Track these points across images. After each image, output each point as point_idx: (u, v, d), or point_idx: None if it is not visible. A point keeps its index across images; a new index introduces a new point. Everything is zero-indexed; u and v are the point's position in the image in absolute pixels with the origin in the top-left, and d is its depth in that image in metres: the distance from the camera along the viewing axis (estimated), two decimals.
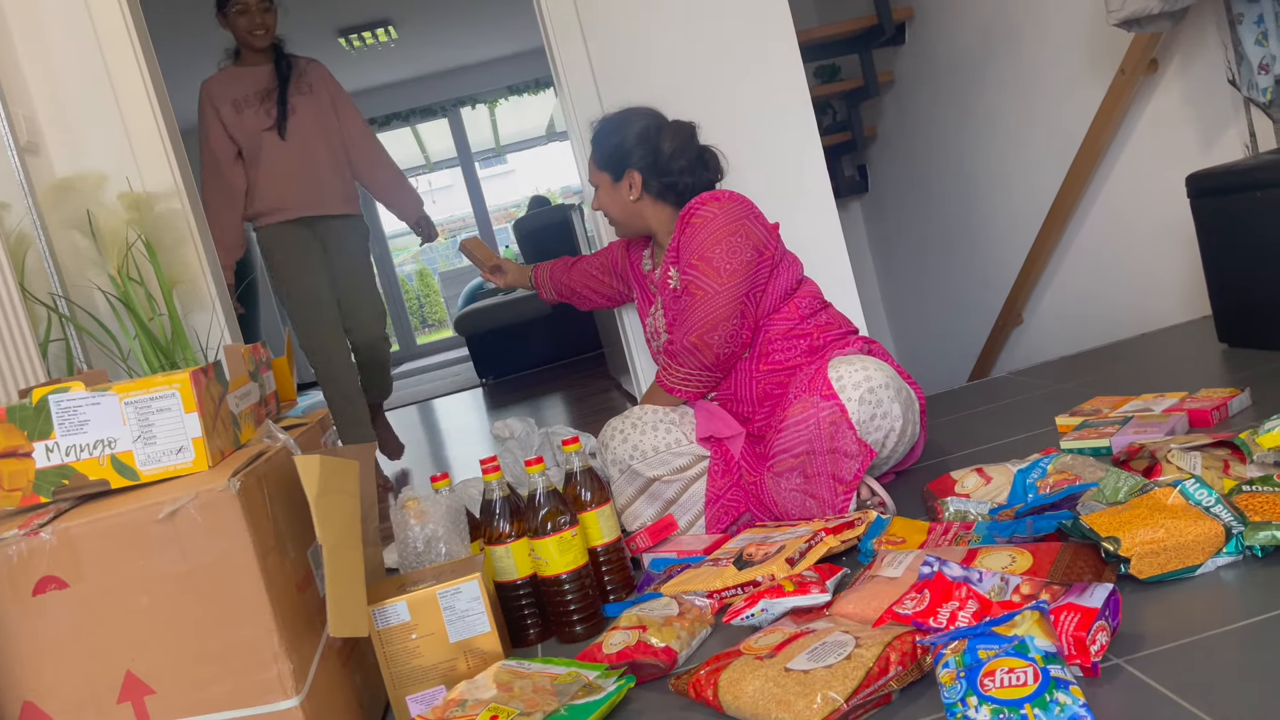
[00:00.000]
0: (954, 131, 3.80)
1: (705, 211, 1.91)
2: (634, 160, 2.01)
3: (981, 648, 1.02)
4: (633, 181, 2.02)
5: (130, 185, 2.16)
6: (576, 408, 4.22)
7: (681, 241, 1.94)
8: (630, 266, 2.23)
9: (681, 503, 1.86)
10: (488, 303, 6.23)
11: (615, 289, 2.32)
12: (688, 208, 1.95)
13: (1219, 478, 1.40)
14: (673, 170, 2.01)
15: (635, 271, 2.21)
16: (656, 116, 2.07)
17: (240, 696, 1.14)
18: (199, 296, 2.21)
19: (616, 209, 2.07)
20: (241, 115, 3.04)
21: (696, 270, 1.89)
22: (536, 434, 2.20)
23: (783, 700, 1.09)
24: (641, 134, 2.02)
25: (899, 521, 1.59)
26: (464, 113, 8.64)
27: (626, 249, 2.25)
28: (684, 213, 1.95)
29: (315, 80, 3.16)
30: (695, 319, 1.88)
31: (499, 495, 1.59)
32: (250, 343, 1.66)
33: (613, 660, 1.34)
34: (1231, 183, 2.17)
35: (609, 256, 2.31)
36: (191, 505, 1.11)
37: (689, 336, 1.89)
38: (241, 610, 1.14)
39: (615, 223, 2.10)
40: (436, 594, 1.36)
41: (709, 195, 1.95)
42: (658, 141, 2.02)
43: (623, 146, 2.02)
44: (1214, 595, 1.17)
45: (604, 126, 2.07)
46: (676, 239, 1.97)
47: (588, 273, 2.33)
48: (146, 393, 1.17)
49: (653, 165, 2.01)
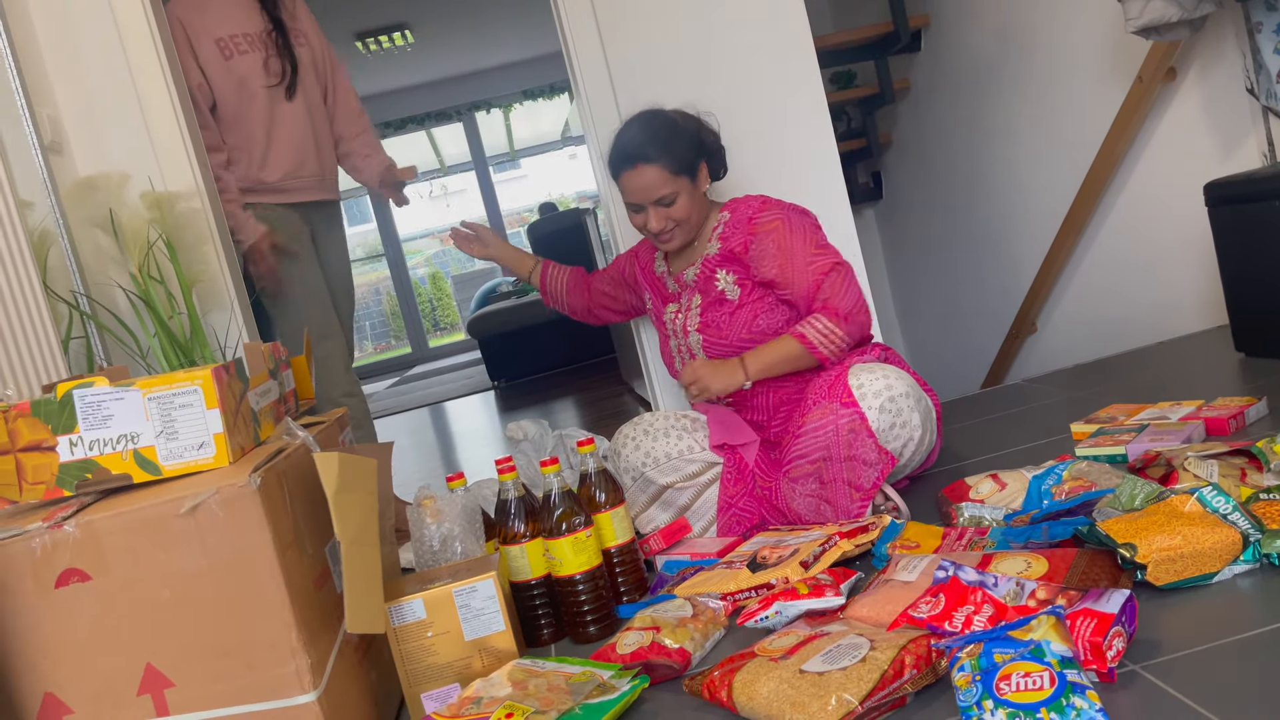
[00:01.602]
0: (969, 139, 3.80)
1: (772, 214, 1.91)
2: (702, 153, 1.93)
3: (997, 651, 1.02)
4: (704, 175, 1.95)
5: (152, 184, 2.18)
6: (589, 411, 4.23)
7: (759, 243, 1.89)
8: (640, 271, 2.18)
9: (695, 509, 1.87)
10: (500, 306, 6.25)
11: (629, 302, 2.26)
12: (751, 216, 1.92)
13: (1236, 486, 1.39)
14: (721, 152, 1.98)
15: (646, 275, 2.16)
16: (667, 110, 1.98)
17: (258, 690, 1.15)
18: (218, 296, 2.23)
19: (696, 211, 1.93)
20: (231, 61, 2.40)
21: (824, 253, 1.87)
22: (550, 436, 2.21)
23: (797, 702, 1.10)
24: (692, 125, 1.94)
25: (913, 526, 1.59)
26: (479, 117, 8.69)
27: (634, 256, 2.20)
28: (746, 219, 1.92)
29: (308, 27, 2.62)
30: (851, 291, 1.85)
31: (514, 495, 1.59)
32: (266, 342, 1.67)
33: (627, 660, 1.34)
34: (1250, 191, 2.17)
35: (618, 270, 2.25)
36: (213, 500, 1.12)
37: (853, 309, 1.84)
38: (260, 605, 1.15)
39: (684, 230, 1.94)
40: (452, 592, 1.37)
41: (758, 200, 1.95)
42: (701, 126, 1.95)
43: (693, 142, 1.91)
44: (1231, 603, 1.17)
45: (656, 132, 1.89)
46: (738, 243, 1.91)
47: (601, 291, 2.27)
48: (169, 388, 1.18)
49: (714, 152, 1.96)
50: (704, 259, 1.98)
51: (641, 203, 1.90)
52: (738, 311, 1.93)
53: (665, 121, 1.92)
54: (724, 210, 1.99)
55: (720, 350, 1.95)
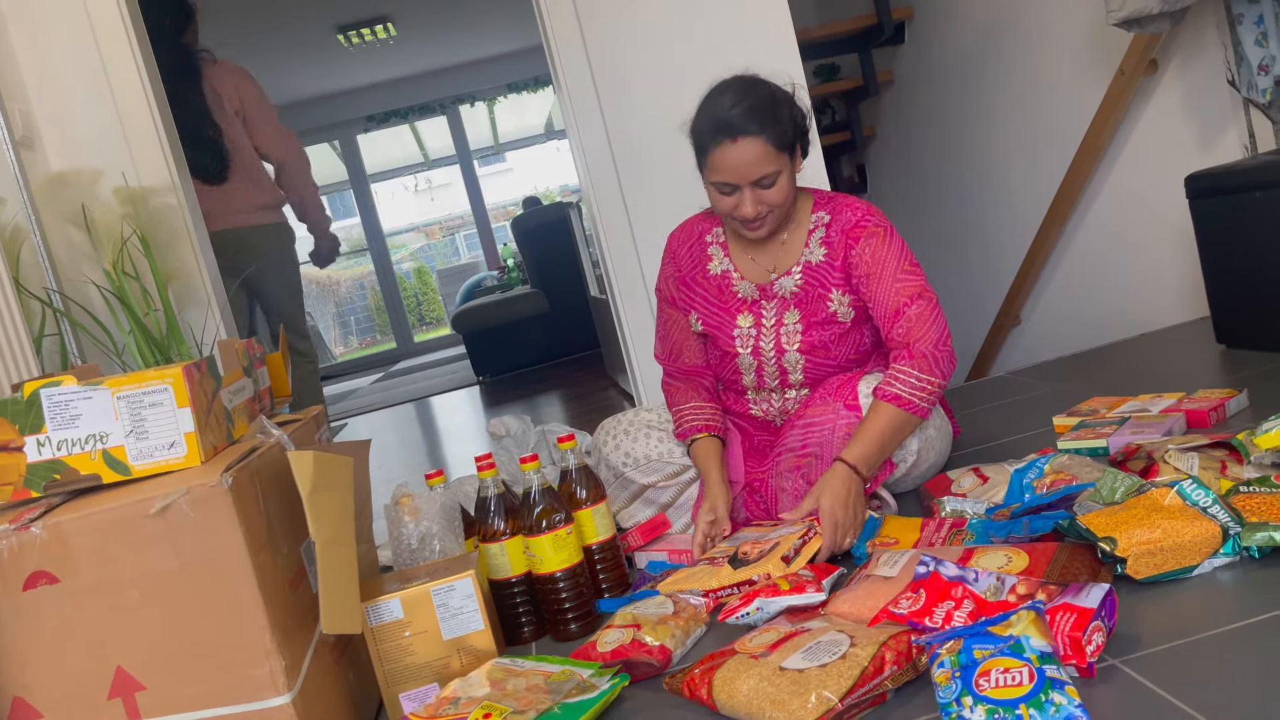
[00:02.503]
0: (953, 131, 3.80)
1: (876, 221, 1.71)
2: (799, 131, 1.67)
3: (977, 647, 1.01)
4: (799, 156, 1.68)
5: (126, 180, 2.15)
6: (573, 406, 4.22)
7: (859, 249, 1.69)
8: (682, 281, 1.83)
9: (678, 505, 1.85)
10: (485, 301, 6.23)
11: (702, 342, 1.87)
12: (857, 221, 1.70)
13: (1216, 478, 1.40)
14: (809, 132, 1.72)
15: (695, 280, 1.82)
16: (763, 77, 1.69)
17: (232, 693, 1.14)
18: (194, 292, 2.20)
19: (791, 197, 1.67)
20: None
21: (914, 274, 1.68)
22: (532, 432, 2.20)
23: (777, 699, 1.09)
24: (788, 97, 1.66)
25: (891, 521, 1.59)
26: (463, 110, 8.65)
27: (673, 272, 1.85)
28: (851, 224, 1.70)
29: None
30: (937, 323, 1.65)
31: (494, 493, 1.58)
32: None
33: (607, 659, 1.33)
34: (1231, 183, 2.17)
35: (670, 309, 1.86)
36: (184, 501, 1.10)
37: (937, 346, 1.64)
38: (233, 606, 1.13)
39: (776, 217, 1.67)
40: (430, 591, 1.35)
41: (860, 204, 1.74)
42: (795, 100, 1.68)
43: (792, 117, 1.64)
44: (1211, 596, 1.17)
45: (759, 101, 1.61)
46: (843, 251, 1.71)
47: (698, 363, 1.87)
48: (139, 387, 1.16)
49: (805, 132, 1.69)
50: (804, 265, 1.73)
51: (738, 182, 1.61)
52: (850, 333, 1.74)
53: (766, 90, 1.64)
54: (818, 208, 1.75)
55: (825, 371, 1.75)
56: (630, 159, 2.61)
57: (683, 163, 2.62)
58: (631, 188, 2.62)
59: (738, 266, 1.79)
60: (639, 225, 2.63)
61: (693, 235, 1.85)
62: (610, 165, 2.60)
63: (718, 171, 1.63)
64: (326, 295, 11.29)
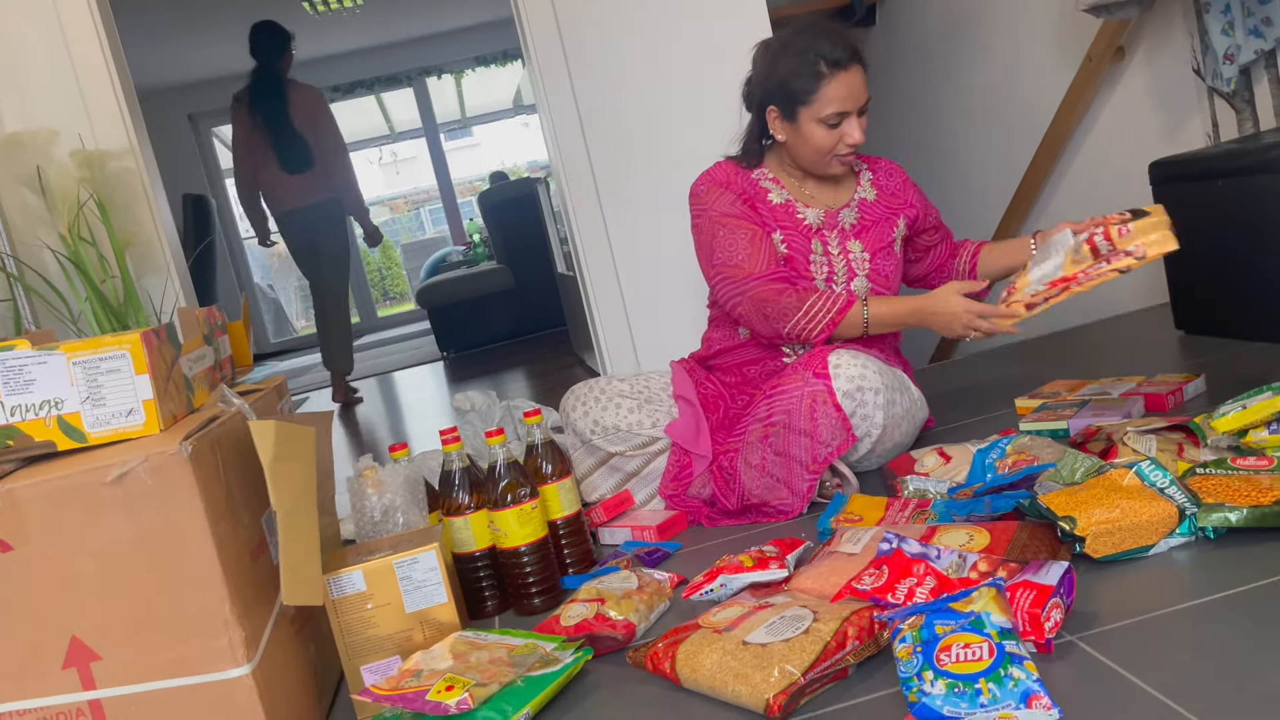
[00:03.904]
0: (922, 115, 3.81)
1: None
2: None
3: (938, 623, 1.03)
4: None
5: (83, 142, 2.10)
6: (539, 383, 4.20)
7: (911, 190, 1.98)
8: (751, 205, 1.88)
9: (644, 475, 1.85)
10: (450, 275, 6.17)
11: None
12: (906, 177, 2.00)
13: (1174, 460, 1.42)
14: None
15: (763, 204, 1.89)
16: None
17: (190, 664, 1.12)
18: (153, 258, 2.16)
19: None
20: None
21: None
22: (498, 406, 2.18)
23: (740, 673, 1.09)
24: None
25: (858, 499, 1.60)
26: (430, 82, 8.52)
27: (730, 190, 1.88)
28: (903, 179, 1.99)
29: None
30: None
31: (458, 466, 1.57)
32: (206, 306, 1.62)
33: (571, 633, 1.33)
34: (1193, 171, 2.19)
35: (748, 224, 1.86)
36: (141, 468, 1.08)
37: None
38: (192, 576, 1.11)
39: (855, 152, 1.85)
40: (393, 563, 1.34)
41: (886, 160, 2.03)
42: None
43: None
44: (1166, 575, 1.19)
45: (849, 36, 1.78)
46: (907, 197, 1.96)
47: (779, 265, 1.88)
48: (95, 353, 1.13)
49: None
50: (860, 202, 1.92)
51: (851, 109, 1.76)
52: (899, 264, 1.96)
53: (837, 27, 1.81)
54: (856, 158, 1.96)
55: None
56: (601, 134, 2.59)
57: (655, 138, 2.61)
58: (601, 163, 2.60)
59: (796, 198, 1.90)
60: (608, 201, 2.62)
61: (736, 173, 1.91)
62: (580, 140, 2.58)
63: (830, 103, 1.75)
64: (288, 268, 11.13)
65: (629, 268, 2.64)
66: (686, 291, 2.58)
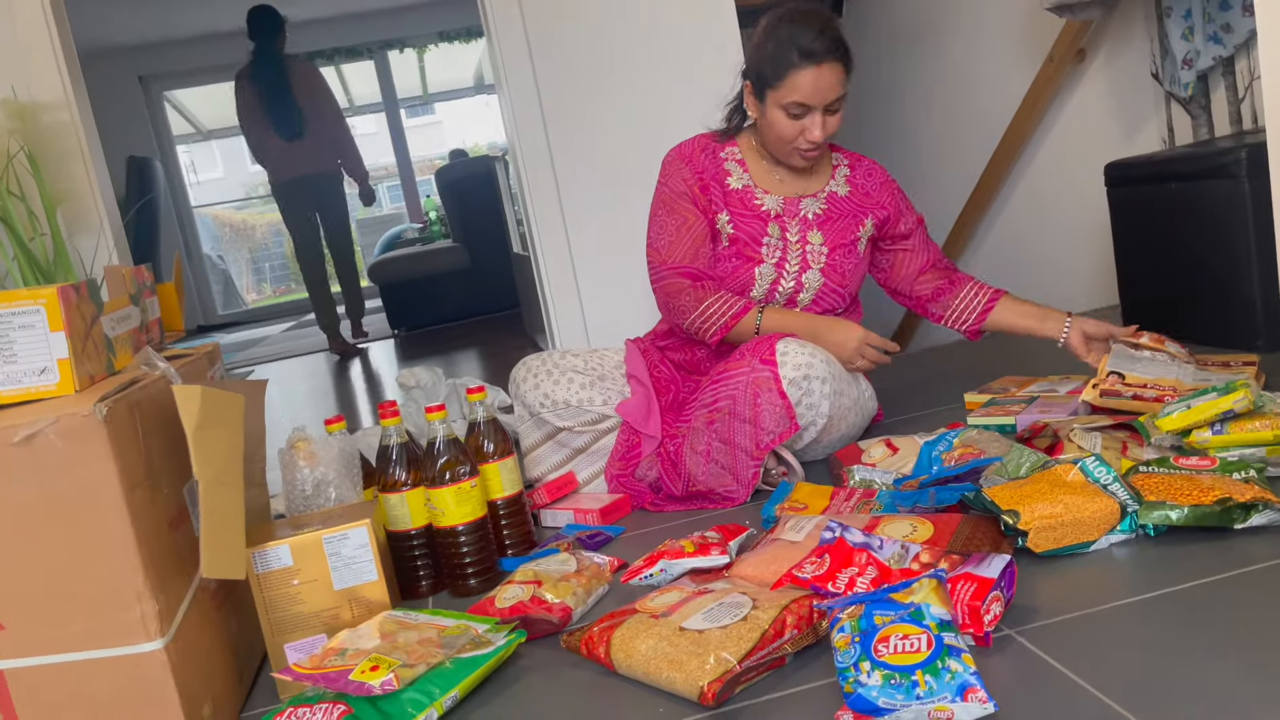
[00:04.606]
0: (886, 109, 3.81)
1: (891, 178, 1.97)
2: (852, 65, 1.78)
3: (878, 613, 1.01)
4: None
5: (15, 93, 2.00)
6: (491, 364, 4.14)
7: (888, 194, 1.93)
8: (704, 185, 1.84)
9: (592, 451, 1.81)
10: (404, 252, 6.08)
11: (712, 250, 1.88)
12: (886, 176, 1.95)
13: (1117, 458, 1.42)
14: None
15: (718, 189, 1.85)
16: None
17: (100, 637, 1.07)
18: (86, 217, 2.07)
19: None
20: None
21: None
22: (443, 384, 2.13)
23: (675, 660, 1.07)
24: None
25: (803, 487, 1.58)
26: (391, 56, 8.38)
27: (690, 167, 1.85)
28: (883, 178, 1.94)
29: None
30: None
31: (396, 441, 1.52)
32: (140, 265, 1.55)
33: (505, 615, 1.30)
34: (1147, 173, 2.21)
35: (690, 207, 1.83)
36: (51, 430, 1.03)
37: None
38: (104, 545, 1.06)
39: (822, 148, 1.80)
40: (322, 539, 1.29)
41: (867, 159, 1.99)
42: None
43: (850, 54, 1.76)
44: (1106, 571, 1.19)
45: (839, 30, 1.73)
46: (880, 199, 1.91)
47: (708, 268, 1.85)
48: (7, 307, 1.07)
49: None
50: (829, 195, 1.88)
51: (815, 105, 1.71)
52: (860, 265, 1.90)
53: (837, 25, 1.75)
54: (835, 151, 1.94)
55: (835, 299, 1.87)
56: (559, 115, 2.54)
57: (614, 120, 2.57)
58: (559, 145, 2.56)
59: (758, 183, 1.87)
60: (565, 182, 2.57)
61: (705, 149, 1.89)
62: (539, 120, 2.54)
63: (795, 92, 1.70)
64: (241, 239, 10.92)
65: (583, 249, 2.60)
66: (640, 276, 2.53)
